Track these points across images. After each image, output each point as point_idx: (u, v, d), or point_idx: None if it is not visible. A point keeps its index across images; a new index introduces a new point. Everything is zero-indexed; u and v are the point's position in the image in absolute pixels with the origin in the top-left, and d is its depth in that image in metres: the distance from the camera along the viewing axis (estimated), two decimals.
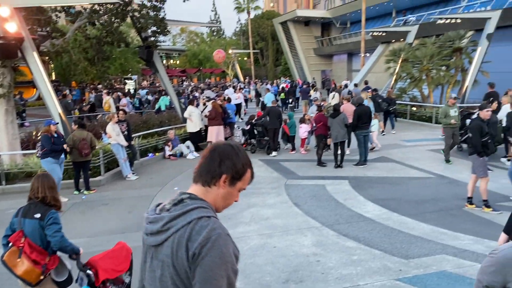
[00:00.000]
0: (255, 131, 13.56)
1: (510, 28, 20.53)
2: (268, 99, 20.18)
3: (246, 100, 25.65)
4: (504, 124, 10.66)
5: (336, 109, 11.16)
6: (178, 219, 1.56)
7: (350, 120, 11.45)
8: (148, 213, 1.70)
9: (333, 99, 18.90)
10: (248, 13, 53.47)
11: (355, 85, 23.90)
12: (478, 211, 7.42)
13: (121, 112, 11.41)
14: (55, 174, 8.22)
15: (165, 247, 1.56)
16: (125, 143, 10.81)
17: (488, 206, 7.39)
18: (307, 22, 45.65)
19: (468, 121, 10.80)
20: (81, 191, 9.64)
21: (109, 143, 10.98)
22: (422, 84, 18.73)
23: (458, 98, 12.67)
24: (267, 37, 56.57)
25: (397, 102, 17.29)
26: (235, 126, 15.05)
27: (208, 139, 13.98)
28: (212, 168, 1.65)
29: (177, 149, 13.28)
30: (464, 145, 12.70)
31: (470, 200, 7.63)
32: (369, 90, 17.53)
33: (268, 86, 31.11)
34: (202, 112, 14.40)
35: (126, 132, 11.02)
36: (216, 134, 13.45)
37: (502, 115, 11.02)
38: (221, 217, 1.62)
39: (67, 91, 24.06)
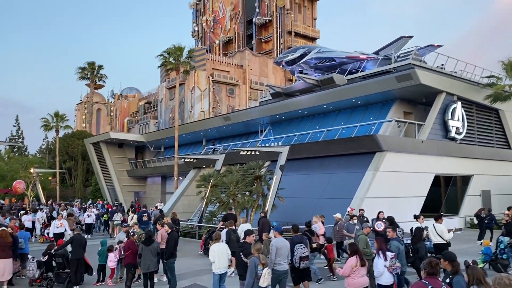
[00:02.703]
0: (54, 263, 11.98)
1: (297, 160, 24.41)
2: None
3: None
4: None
5: (150, 236, 10.86)
6: None
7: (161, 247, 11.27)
8: None
9: (131, 220, 20.14)
10: (57, 131, 50.75)
11: (156, 207, 25.81)
12: None
13: None
14: None
15: None
16: None
17: None
18: (120, 144, 45.62)
19: None
20: None
21: None
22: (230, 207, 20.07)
23: (371, 226, 12.98)
24: (77, 157, 53.89)
25: (181, 221, 20.43)
26: (29, 257, 13.03)
27: None
28: None
29: None
30: None
31: None
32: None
33: (75, 208, 28.72)
34: None
35: None
36: (2, 269, 11.36)
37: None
38: None
39: None
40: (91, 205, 30.67)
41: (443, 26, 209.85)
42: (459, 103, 24.04)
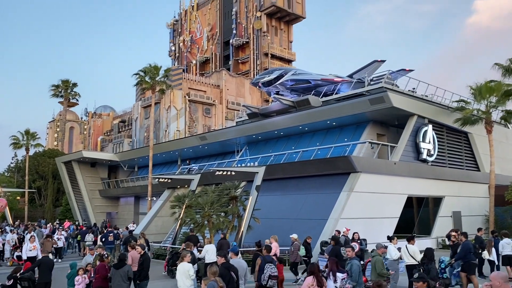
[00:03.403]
0: (20, 287, 11.46)
1: (273, 181, 24.40)
2: None
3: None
4: None
5: (122, 259, 10.51)
6: None
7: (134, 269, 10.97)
8: None
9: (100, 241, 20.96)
10: (27, 150, 49.36)
11: (127, 227, 26.38)
12: None
13: None
14: None
15: None
16: None
17: None
18: (93, 163, 44.69)
19: None
20: None
21: None
22: (204, 229, 19.78)
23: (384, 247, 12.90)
24: (48, 176, 52.37)
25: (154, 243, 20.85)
26: None
27: None
28: None
29: None
30: None
31: None
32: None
33: (44, 229, 27.75)
34: None
35: None
36: None
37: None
38: None
39: None
40: (60, 227, 29.61)
41: (414, 51, 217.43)
42: (430, 126, 24.71)
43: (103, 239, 21.47)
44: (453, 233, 15.93)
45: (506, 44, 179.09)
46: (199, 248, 16.09)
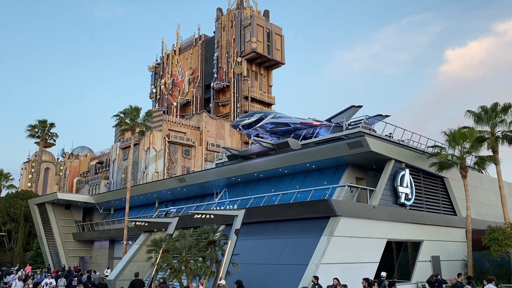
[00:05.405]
0: None
1: (252, 224, 24.06)
2: None
3: None
4: None
5: None
6: None
7: None
8: None
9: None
10: None
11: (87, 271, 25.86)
12: None
13: None
14: None
15: None
16: None
17: None
18: (68, 205, 43.45)
19: None
20: None
21: None
22: (181, 275, 19.19)
23: None
24: (19, 218, 50.44)
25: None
26: None
27: None
28: None
29: None
30: None
31: None
32: None
33: (13, 275, 26.39)
34: None
35: None
36: None
37: None
38: None
39: None
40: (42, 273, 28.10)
41: (390, 97, 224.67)
42: (407, 170, 25.12)
43: (67, 285, 20.88)
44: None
45: (477, 91, 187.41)
46: None
